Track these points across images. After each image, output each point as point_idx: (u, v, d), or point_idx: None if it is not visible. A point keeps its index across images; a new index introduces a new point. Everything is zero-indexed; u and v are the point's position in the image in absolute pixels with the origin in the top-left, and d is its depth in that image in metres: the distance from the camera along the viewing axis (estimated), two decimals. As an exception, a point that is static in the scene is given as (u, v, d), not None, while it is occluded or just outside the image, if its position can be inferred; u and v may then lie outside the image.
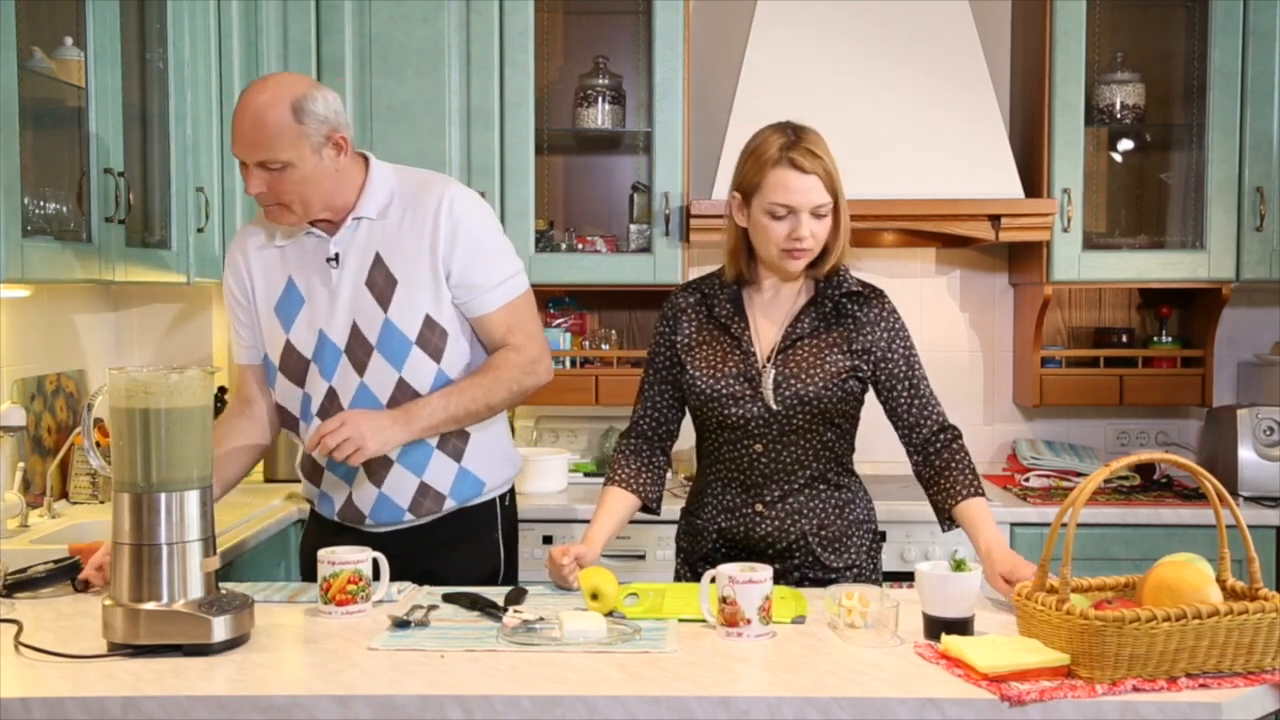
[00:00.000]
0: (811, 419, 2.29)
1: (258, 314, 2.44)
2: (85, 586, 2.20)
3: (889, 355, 2.33)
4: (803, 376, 2.28)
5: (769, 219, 2.25)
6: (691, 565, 2.43)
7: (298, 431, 2.46)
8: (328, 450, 2.19)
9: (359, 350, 2.34)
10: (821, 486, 2.34)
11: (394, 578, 2.27)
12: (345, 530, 2.43)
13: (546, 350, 2.43)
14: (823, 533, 2.34)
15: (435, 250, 2.32)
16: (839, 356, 2.30)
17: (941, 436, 2.33)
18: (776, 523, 2.33)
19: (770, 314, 2.36)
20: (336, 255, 2.35)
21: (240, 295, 2.46)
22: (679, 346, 2.38)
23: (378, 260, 2.33)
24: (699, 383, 2.33)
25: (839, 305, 2.33)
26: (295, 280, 2.39)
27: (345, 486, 2.41)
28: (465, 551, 2.46)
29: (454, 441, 2.39)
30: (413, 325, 2.32)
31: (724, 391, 2.31)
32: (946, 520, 2.31)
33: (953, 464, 2.30)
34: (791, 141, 2.25)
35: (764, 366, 2.31)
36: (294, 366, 2.40)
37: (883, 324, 2.34)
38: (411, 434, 2.29)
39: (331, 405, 2.35)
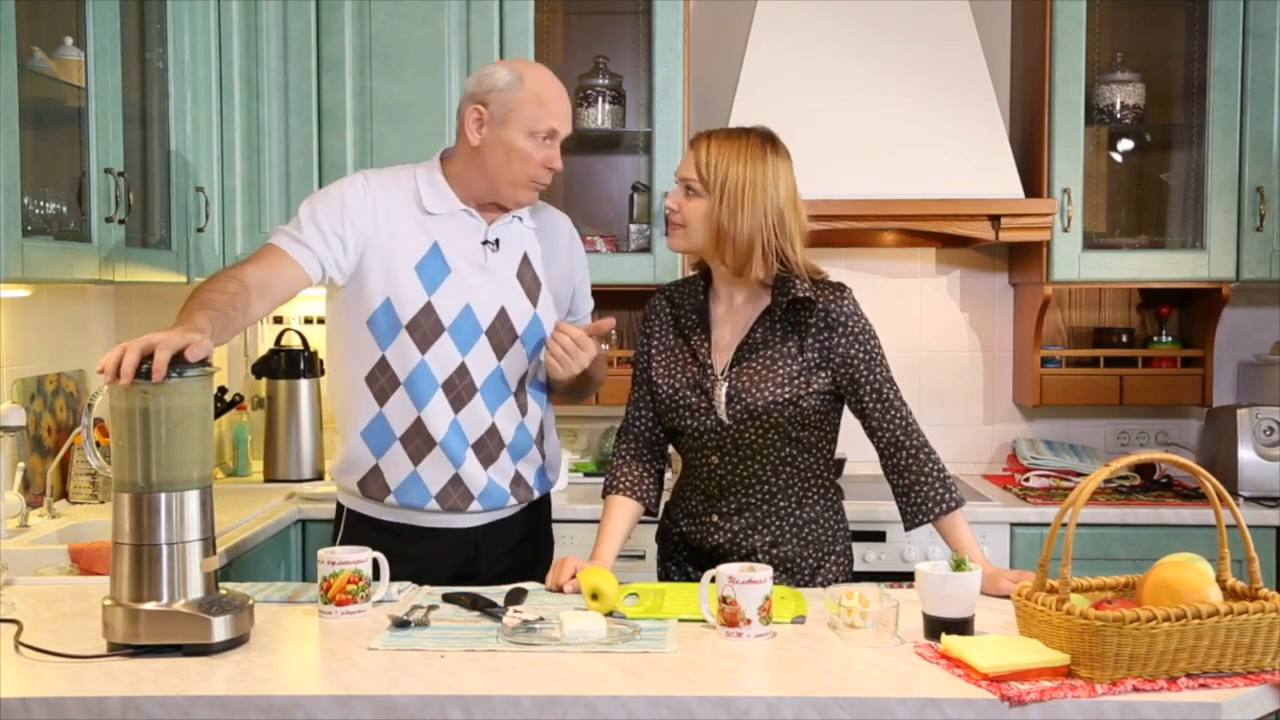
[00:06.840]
0: (764, 433, 2.26)
1: (374, 255, 2.37)
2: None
3: (848, 359, 2.26)
4: (753, 390, 2.25)
5: None
6: (661, 563, 2.46)
7: (379, 394, 2.39)
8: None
9: (503, 335, 2.43)
10: (781, 503, 2.31)
11: (486, 571, 2.41)
12: (403, 530, 2.45)
13: None
14: (774, 551, 2.31)
15: (573, 274, 2.59)
16: (791, 367, 2.25)
17: (907, 444, 2.26)
18: (730, 535, 2.32)
19: (730, 324, 2.33)
20: (497, 240, 2.45)
21: (355, 221, 2.35)
22: (652, 349, 2.39)
23: (525, 260, 2.49)
24: (660, 390, 2.34)
25: (791, 313, 2.28)
26: (442, 249, 2.40)
27: (452, 467, 2.41)
28: (544, 542, 2.64)
29: (537, 436, 2.54)
30: (548, 325, 2.47)
31: (680, 402, 2.31)
32: (914, 526, 2.27)
33: (922, 478, 2.24)
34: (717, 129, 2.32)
35: (719, 379, 2.29)
36: (426, 330, 2.37)
37: (840, 328, 2.26)
38: None
39: (461, 380, 2.39)
